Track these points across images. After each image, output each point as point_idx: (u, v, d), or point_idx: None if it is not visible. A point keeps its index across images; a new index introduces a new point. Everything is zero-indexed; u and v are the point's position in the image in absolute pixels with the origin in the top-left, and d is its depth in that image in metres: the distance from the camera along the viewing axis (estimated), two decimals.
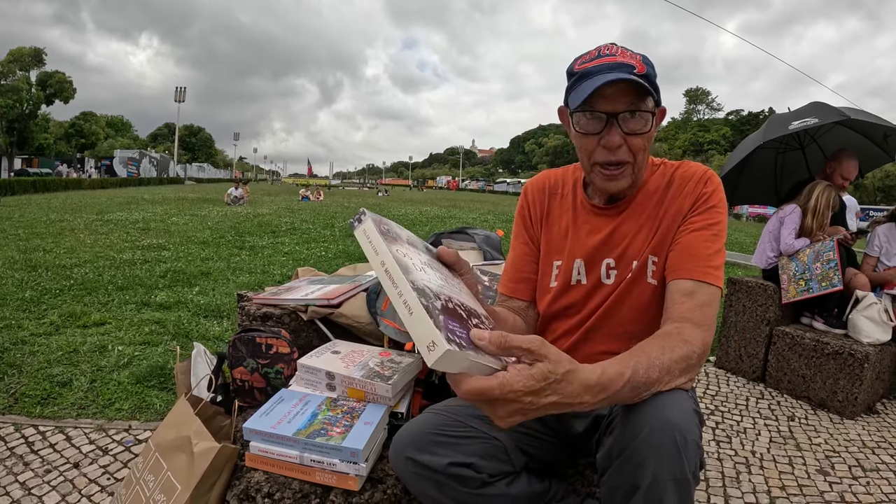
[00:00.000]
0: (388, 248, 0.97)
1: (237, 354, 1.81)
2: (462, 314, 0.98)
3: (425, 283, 0.96)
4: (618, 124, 1.32)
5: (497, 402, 0.88)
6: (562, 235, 1.57)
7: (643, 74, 1.29)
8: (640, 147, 1.36)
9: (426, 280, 0.99)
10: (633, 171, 1.40)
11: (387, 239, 1.01)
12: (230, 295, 5.61)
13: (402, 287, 0.90)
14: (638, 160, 1.38)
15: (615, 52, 1.34)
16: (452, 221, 17.00)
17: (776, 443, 3.15)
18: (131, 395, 3.14)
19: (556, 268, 1.56)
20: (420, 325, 0.85)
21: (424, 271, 1.02)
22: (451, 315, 0.93)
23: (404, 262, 0.98)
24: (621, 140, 1.33)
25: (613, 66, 1.30)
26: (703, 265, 1.32)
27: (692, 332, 1.19)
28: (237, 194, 21.37)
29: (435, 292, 0.96)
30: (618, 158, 1.36)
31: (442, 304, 0.93)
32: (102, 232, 10.28)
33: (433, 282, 1.01)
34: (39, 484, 2.29)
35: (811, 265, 3.95)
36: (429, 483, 1.32)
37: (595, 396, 0.95)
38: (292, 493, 1.37)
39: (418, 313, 0.86)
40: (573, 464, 1.63)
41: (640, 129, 1.33)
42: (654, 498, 1.04)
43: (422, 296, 0.89)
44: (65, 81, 54.80)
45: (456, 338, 0.85)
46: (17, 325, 4.28)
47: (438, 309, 0.90)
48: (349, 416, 1.52)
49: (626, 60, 1.30)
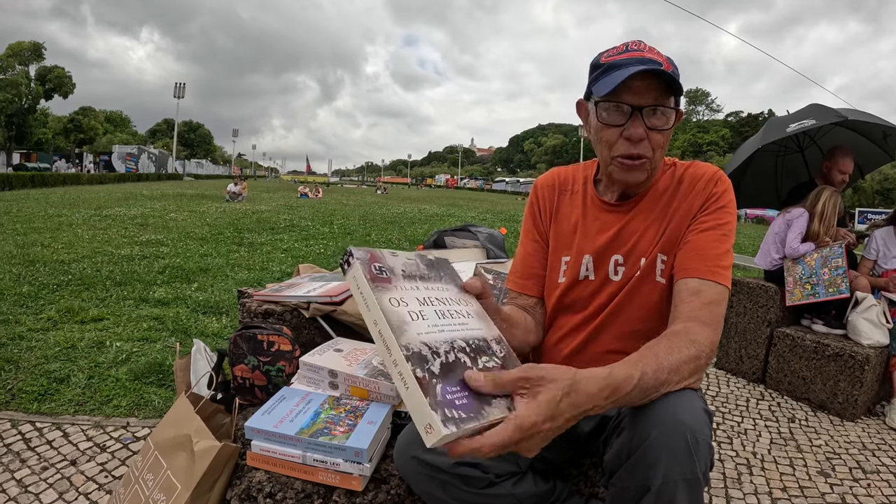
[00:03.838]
0: (379, 303, 0.93)
1: (238, 352, 1.79)
2: (467, 359, 0.96)
3: (422, 341, 0.92)
4: (642, 118, 1.33)
5: (521, 442, 0.87)
6: (571, 231, 1.57)
7: (670, 72, 1.29)
8: (660, 143, 1.37)
9: (424, 332, 0.95)
10: (650, 167, 1.40)
11: (378, 285, 0.97)
12: (229, 291, 5.60)
13: (396, 355, 0.88)
14: (656, 156, 1.39)
15: (643, 48, 1.35)
16: (451, 220, 17.00)
17: (777, 444, 3.14)
18: (129, 392, 3.13)
19: (564, 263, 1.55)
20: (416, 404, 0.84)
21: (423, 315, 0.98)
22: (450, 374, 0.90)
23: (399, 317, 0.94)
24: (644, 133, 1.34)
25: (643, 61, 1.30)
26: (712, 265, 1.31)
27: (700, 331, 1.18)
28: (236, 191, 21.34)
29: (434, 347, 0.93)
30: (638, 151, 1.36)
31: (441, 362, 0.91)
32: (101, 227, 10.25)
33: (433, 327, 0.98)
34: (36, 481, 2.28)
35: (818, 270, 3.94)
36: (434, 483, 1.31)
37: (606, 399, 0.94)
38: (294, 494, 1.35)
39: (413, 389, 0.84)
40: (577, 464, 1.62)
41: (663, 125, 1.34)
42: (665, 499, 1.03)
43: (417, 364, 0.87)
44: (64, 76, 54.66)
45: (455, 412, 0.84)
46: (15, 321, 4.27)
47: (437, 373, 0.88)
48: (352, 416, 1.50)
49: (654, 57, 1.32)
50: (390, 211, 19.69)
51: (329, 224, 13.43)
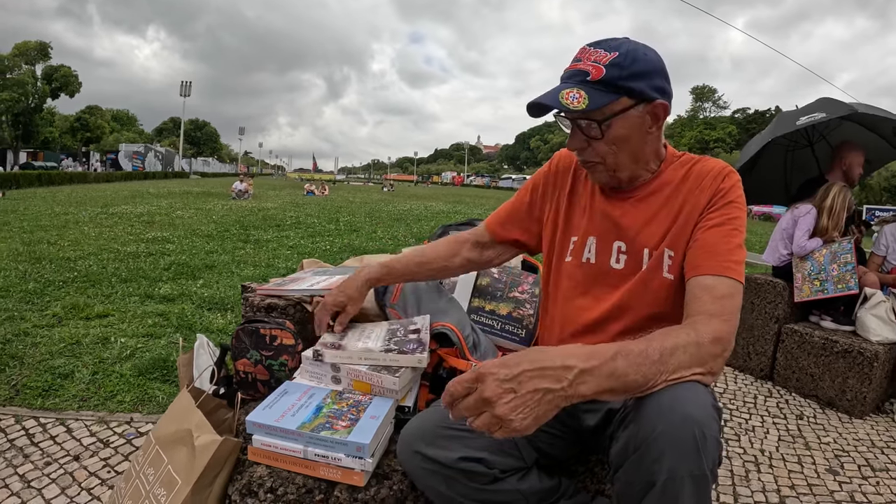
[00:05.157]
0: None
1: (240, 346, 1.78)
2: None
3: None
4: (579, 129, 1.37)
5: (478, 383, 0.97)
6: (581, 213, 1.57)
7: (598, 80, 1.30)
8: (606, 151, 1.38)
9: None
10: (607, 170, 1.43)
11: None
12: (234, 288, 5.60)
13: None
14: (609, 161, 1.40)
15: (581, 56, 1.35)
16: (458, 216, 16.99)
17: (785, 441, 3.12)
18: (133, 388, 3.12)
19: (572, 243, 1.56)
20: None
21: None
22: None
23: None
24: (581, 144, 1.39)
25: (570, 75, 1.35)
26: (723, 260, 1.30)
27: (704, 321, 1.18)
28: (242, 188, 21.38)
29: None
30: (583, 158, 1.43)
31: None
32: (107, 225, 10.29)
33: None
34: (39, 476, 2.28)
35: (827, 266, 3.91)
36: (437, 478, 1.30)
37: (586, 361, 0.99)
38: (296, 488, 1.34)
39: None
40: (583, 460, 1.61)
41: (595, 135, 1.36)
42: (670, 494, 1.00)
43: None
44: (70, 75, 54.92)
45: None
46: (20, 317, 4.27)
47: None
48: (355, 410, 1.49)
49: (584, 66, 1.32)
50: (396, 208, 19.70)
51: (335, 221, 13.44)
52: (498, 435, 0.97)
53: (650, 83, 1.32)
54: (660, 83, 1.34)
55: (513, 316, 2.04)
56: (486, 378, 0.97)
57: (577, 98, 1.27)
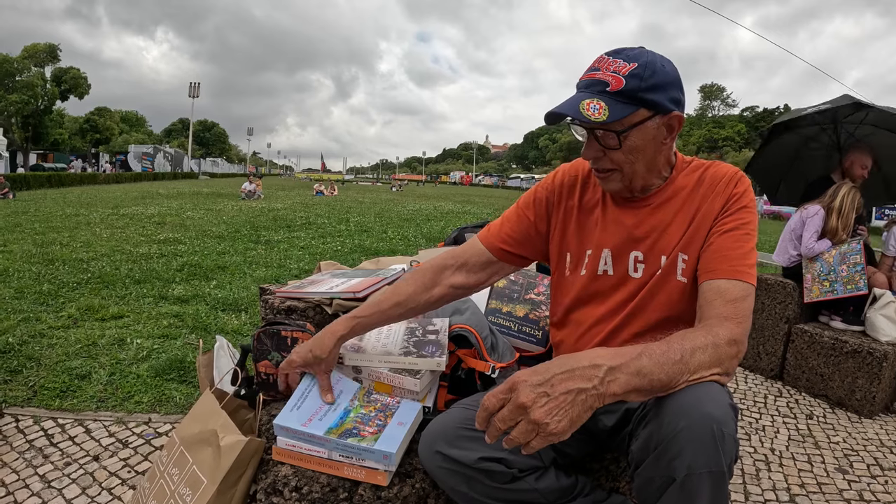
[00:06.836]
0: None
1: (262, 348, 1.81)
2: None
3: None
4: (596, 138, 1.37)
5: (511, 392, 1.03)
6: (593, 225, 1.57)
7: (617, 91, 1.30)
8: (623, 160, 1.38)
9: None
10: (623, 178, 1.43)
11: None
12: (247, 288, 5.64)
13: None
14: (625, 170, 1.41)
15: (600, 65, 1.35)
16: (467, 217, 17.01)
17: (795, 441, 3.14)
18: (150, 388, 3.16)
19: (587, 256, 1.55)
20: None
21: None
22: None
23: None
24: (597, 153, 1.39)
25: (588, 84, 1.34)
26: (736, 264, 1.32)
27: (719, 323, 1.22)
28: (251, 189, 21.44)
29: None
30: (598, 167, 1.43)
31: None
32: (118, 226, 10.36)
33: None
34: (59, 476, 2.31)
35: (837, 267, 3.92)
36: (458, 477, 1.33)
37: (613, 359, 1.05)
38: (320, 487, 1.37)
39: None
40: (598, 458, 1.64)
41: (613, 145, 1.36)
42: (689, 490, 1.04)
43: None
44: (79, 77, 54.97)
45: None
46: (36, 318, 4.32)
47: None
48: (382, 415, 1.50)
49: (603, 76, 1.32)
50: (406, 208, 19.68)
51: (345, 221, 13.46)
52: (535, 444, 1.00)
53: (667, 95, 1.33)
54: (676, 95, 1.36)
55: (529, 318, 2.07)
56: (519, 385, 1.01)
57: (598, 109, 1.28)
